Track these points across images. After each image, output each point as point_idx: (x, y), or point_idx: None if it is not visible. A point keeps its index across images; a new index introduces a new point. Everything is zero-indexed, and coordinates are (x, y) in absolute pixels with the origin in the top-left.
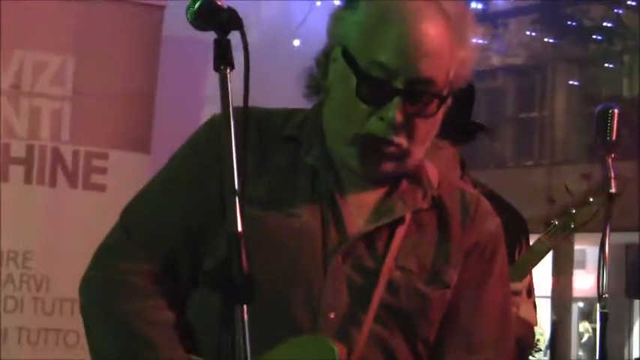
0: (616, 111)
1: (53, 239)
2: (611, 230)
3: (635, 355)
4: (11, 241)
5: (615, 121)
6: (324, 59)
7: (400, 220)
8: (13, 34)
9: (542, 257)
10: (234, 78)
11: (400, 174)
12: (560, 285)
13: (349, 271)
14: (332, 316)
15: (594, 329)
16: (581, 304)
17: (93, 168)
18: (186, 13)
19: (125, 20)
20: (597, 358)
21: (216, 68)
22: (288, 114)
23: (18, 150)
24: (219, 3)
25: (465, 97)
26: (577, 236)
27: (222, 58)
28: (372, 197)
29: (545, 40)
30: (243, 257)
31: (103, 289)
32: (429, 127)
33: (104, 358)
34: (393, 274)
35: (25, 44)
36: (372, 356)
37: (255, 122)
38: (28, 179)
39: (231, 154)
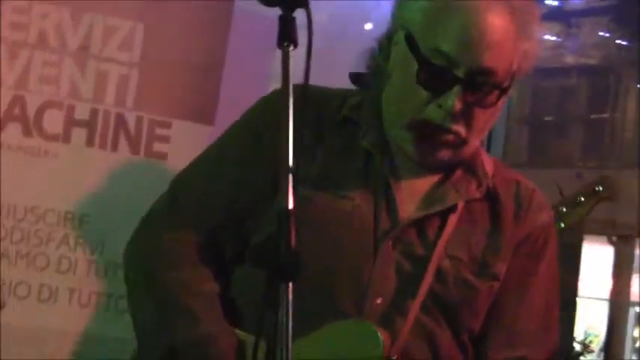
0: None
1: (111, 204)
2: None
3: None
4: (69, 203)
5: None
6: (386, 42)
7: (452, 209)
8: None
9: None
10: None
11: (455, 162)
12: (618, 288)
13: (398, 257)
14: (379, 301)
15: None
16: (638, 309)
17: (156, 136)
18: None
19: None
20: None
21: (279, 45)
22: (346, 95)
23: (82, 112)
24: None
25: None
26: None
27: (286, 35)
28: (425, 184)
29: (618, 42)
30: (292, 235)
31: (147, 256)
32: (487, 116)
33: (144, 326)
34: (442, 263)
35: (95, 8)
36: (416, 345)
37: (313, 102)
38: (90, 142)
39: (287, 131)
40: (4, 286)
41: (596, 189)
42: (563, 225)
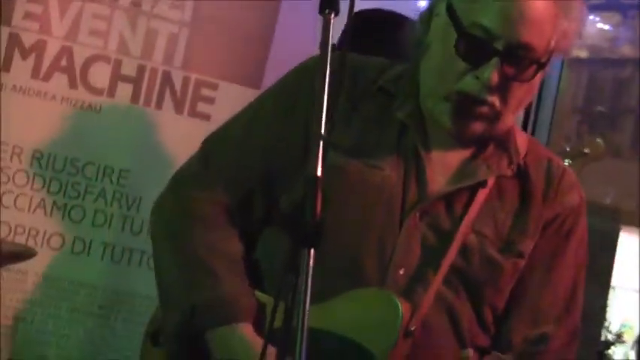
0: None
1: (151, 161)
2: None
3: None
4: (109, 158)
5: None
6: (427, 15)
7: (482, 184)
8: None
9: None
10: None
11: (488, 138)
12: None
13: (424, 230)
14: (401, 272)
15: None
16: None
17: (201, 96)
18: None
19: None
20: None
21: (321, 12)
22: (385, 66)
23: (129, 68)
24: None
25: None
26: None
27: (327, 3)
28: (456, 158)
29: None
30: (318, 202)
31: (175, 215)
32: (523, 93)
33: (167, 284)
34: (467, 238)
35: None
36: (436, 317)
37: (351, 70)
38: (135, 99)
39: (322, 98)
40: (38, 236)
41: (583, 150)
42: None
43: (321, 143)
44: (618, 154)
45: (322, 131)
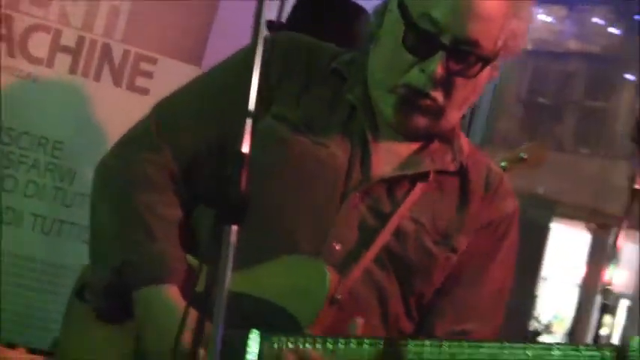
0: None
1: (87, 133)
2: None
3: None
4: (45, 128)
5: None
6: (382, 9)
7: (423, 176)
8: None
9: None
10: None
11: (432, 133)
12: (589, 275)
13: (364, 211)
14: (337, 247)
15: (612, 324)
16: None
17: (140, 71)
18: None
19: None
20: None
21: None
22: (338, 50)
23: (68, 39)
24: None
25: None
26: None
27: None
28: (403, 150)
29: (617, 32)
30: (244, 178)
31: (120, 174)
32: (468, 91)
33: (103, 237)
34: (403, 223)
35: None
36: (365, 291)
37: (306, 50)
38: (73, 70)
39: (253, 76)
40: None
41: (521, 156)
42: None
43: (249, 121)
44: (560, 148)
45: (251, 108)
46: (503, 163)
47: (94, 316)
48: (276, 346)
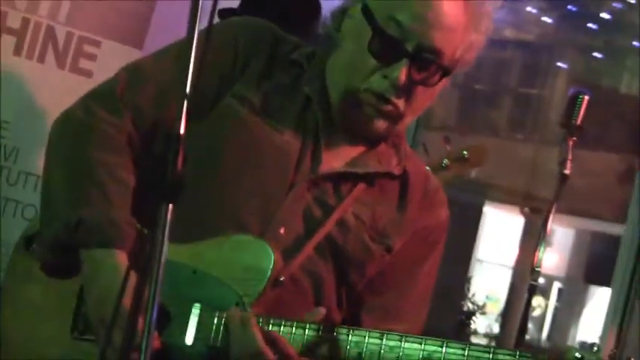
0: (586, 97)
1: (31, 114)
2: (583, 215)
3: (581, 336)
4: None
5: (583, 107)
6: (340, 14)
7: (370, 176)
8: None
9: None
10: None
11: (381, 138)
12: (522, 258)
13: (310, 200)
14: (282, 231)
15: (547, 305)
16: (542, 280)
17: (83, 53)
18: None
19: None
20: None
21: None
22: (301, 43)
23: (13, 21)
24: None
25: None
26: None
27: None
28: (352, 151)
29: (550, 22)
30: (180, 158)
31: (79, 129)
32: (426, 99)
33: (56, 191)
34: (346, 217)
35: None
36: (302, 277)
37: (272, 36)
38: (17, 51)
39: (189, 59)
40: None
41: (463, 154)
42: None
43: (185, 102)
44: (495, 133)
45: (187, 91)
46: (445, 161)
47: (38, 267)
48: (215, 320)
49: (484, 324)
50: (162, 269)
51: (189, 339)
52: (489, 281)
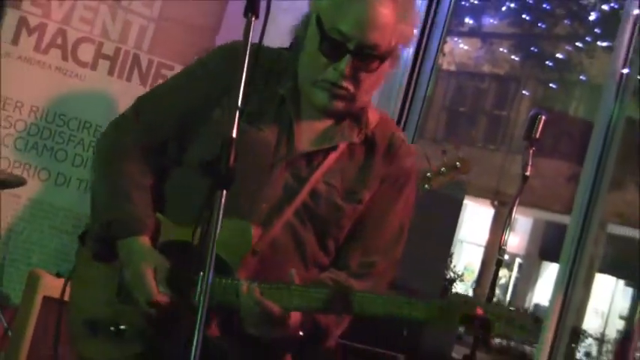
0: (543, 117)
1: None
2: (539, 208)
3: (536, 300)
4: (88, 115)
5: (541, 125)
6: (306, 21)
7: (334, 148)
8: None
9: None
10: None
11: (346, 113)
12: (492, 239)
13: (287, 177)
14: (264, 206)
15: (510, 276)
16: (506, 257)
17: (161, 74)
18: None
19: None
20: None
21: (245, 14)
22: (277, 53)
23: (108, 49)
24: None
25: None
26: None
27: (250, 8)
28: (320, 126)
29: (518, 59)
30: (232, 156)
31: (108, 151)
32: (372, 81)
33: (96, 202)
34: (318, 185)
35: None
36: (284, 241)
37: (253, 54)
38: (111, 72)
39: (240, 81)
40: (31, 170)
41: (456, 164)
42: (427, 186)
43: (237, 113)
44: (473, 144)
45: (239, 103)
46: (442, 169)
47: (91, 255)
48: (217, 284)
49: (462, 289)
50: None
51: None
52: (467, 256)
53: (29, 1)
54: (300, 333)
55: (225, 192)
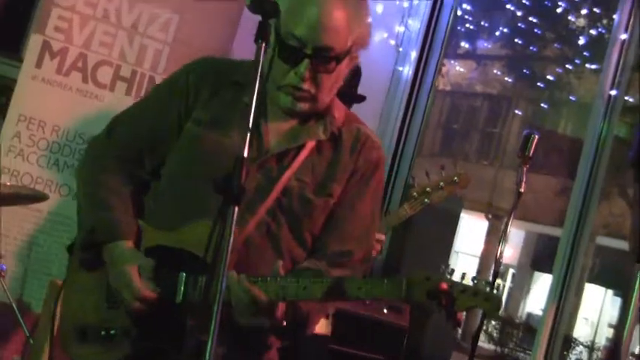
0: (536, 136)
1: None
2: (530, 221)
3: (529, 309)
4: None
5: (534, 143)
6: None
7: (303, 146)
8: None
9: (402, 219)
10: None
11: (311, 113)
12: (486, 250)
13: (259, 177)
14: (236, 208)
15: (504, 285)
16: (501, 267)
17: None
18: None
19: None
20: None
21: (256, 41)
22: (240, 65)
23: (125, 71)
24: None
25: (351, 75)
26: (505, 220)
27: (261, 35)
28: (286, 126)
29: (510, 80)
30: (243, 173)
31: (88, 166)
32: (332, 80)
33: (80, 214)
34: (290, 183)
35: (145, 0)
36: (258, 239)
37: (214, 68)
38: (128, 93)
39: (252, 102)
40: (52, 185)
41: (454, 179)
42: (427, 200)
43: (248, 134)
44: (467, 159)
45: (250, 125)
46: (441, 183)
47: (78, 264)
48: (198, 282)
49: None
50: (229, 251)
51: (179, 297)
52: (463, 266)
53: (52, 26)
54: (284, 323)
55: (236, 208)
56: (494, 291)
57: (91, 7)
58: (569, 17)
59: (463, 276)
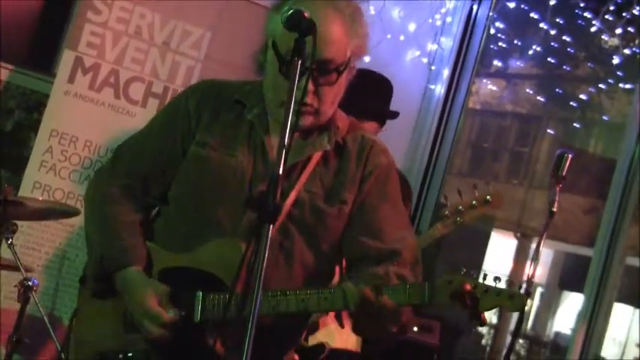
0: (570, 156)
1: None
2: (559, 240)
3: (556, 328)
4: None
5: (567, 163)
6: (265, 47)
7: (310, 158)
8: (171, 8)
9: (434, 239)
10: None
11: (314, 126)
12: (515, 270)
13: None
14: (246, 222)
15: (532, 304)
16: (540, 289)
17: None
18: (280, 16)
19: (250, 16)
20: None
21: (291, 58)
22: (241, 85)
23: (157, 88)
24: (305, 14)
25: (383, 89)
26: (534, 239)
27: (296, 52)
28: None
29: (541, 99)
30: (278, 192)
31: (94, 196)
32: (334, 93)
33: (90, 243)
34: (300, 195)
35: (179, 16)
36: (271, 255)
37: (214, 89)
38: (160, 109)
39: (287, 124)
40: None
41: (487, 199)
42: (460, 220)
43: (283, 152)
44: (497, 179)
45: (285, 144)
46: (474, 202)
47: (91, 294)
48: (216, 300)
49: (488, 315)
50: (263, 271)
51: (197, 317)
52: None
53: (85, 42)
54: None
55: (270, 226)
56: (523, 293)
57: (124, 23)
58: (603, 36)
59: (485, 276)
